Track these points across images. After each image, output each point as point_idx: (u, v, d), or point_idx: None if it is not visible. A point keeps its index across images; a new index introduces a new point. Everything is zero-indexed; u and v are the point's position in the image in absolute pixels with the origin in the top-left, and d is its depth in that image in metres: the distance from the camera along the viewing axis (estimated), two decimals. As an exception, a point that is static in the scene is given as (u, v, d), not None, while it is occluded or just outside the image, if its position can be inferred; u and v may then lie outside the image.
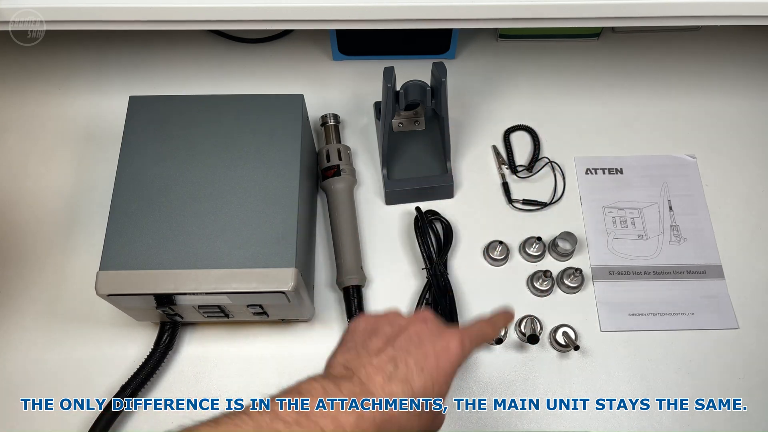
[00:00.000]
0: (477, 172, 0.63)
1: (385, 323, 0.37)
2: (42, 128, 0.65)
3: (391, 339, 0.35)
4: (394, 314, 0.38)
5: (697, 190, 0.62)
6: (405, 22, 0.51)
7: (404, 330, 0.36)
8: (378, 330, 0.36)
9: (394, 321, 0.37)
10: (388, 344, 0.35)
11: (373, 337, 0.36)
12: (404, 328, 0.36)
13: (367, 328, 0.37)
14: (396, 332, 0.36)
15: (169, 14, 0.50)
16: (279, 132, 0.51)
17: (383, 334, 0.36)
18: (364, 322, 0.38)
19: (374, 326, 0.37)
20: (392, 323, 0.37)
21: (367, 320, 0.38)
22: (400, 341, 0.35)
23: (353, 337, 0.37)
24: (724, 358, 0.54)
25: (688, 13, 0.49)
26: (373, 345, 0.35)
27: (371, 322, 0.38)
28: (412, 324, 0.37)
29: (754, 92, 0.67)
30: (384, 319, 0.38)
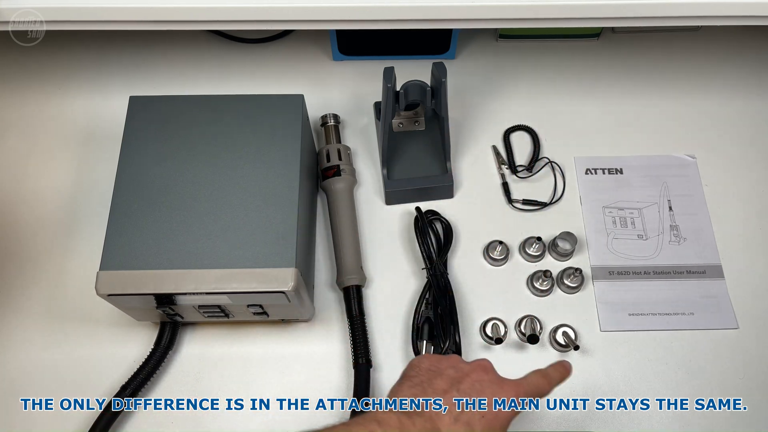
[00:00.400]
0: (477, 172, 0.63)
1: (449, 366, 0.40)
2: (42, 128, 0.65)
3: (455, 382, 0.38)
4: (457, 359, 0.41)
5: (697, 190, 0.62)
6: (405, 23, 0.51)
7: (467, 376, 0.39)
8: (442, 372, 0.39)
9: (457, 365, 0.40)
10: (453, 387, 0.38)
11: (438, 378, 0.39)
12: (467, 374, 0.39)
13: (431, 368, 0.40)
14: (459, 377, 0.39)
15: (169, 14, 0.50)
16: (279, 132, 0.51)
17: (447, 377, 0.39)
18: (428, 361, 0.41)
19: (438, 367, 0.40)
20: (455, 367, 0.40)
21: (431, 360, 0.41)
22: (464, 386, 0.38)
23: (418, 373, 0.39)
24: (724, 358, 0.54)
25: (688, 13, 0.50)
26: (438, 385, 0.38)
27: (434, 361, 0.40)
28: (474, 371, 0.40)
29: (754, 92, 0.67)
30: (447, 362, 0.40)
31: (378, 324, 0.55)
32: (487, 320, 0.54)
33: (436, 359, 0.41)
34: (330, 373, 0.53)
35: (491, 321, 0.54)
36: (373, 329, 0.54)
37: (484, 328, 0.54)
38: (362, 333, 0.52)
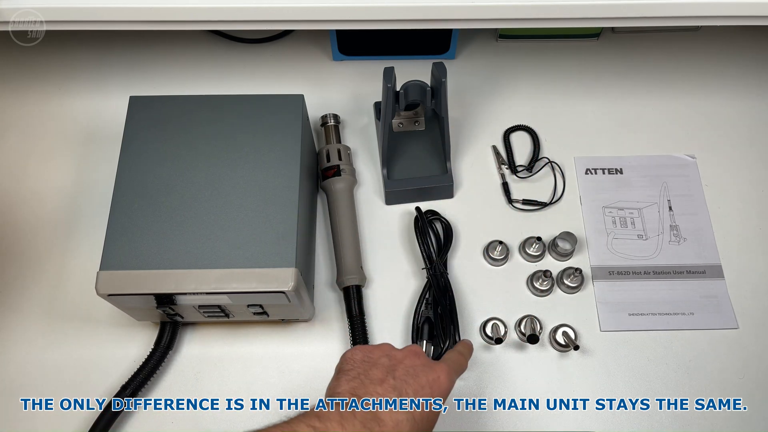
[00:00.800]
0: (477, 172, 0.63)
1: (381, 355, 0.41)
2: (42, 128, 0.65)
3: (390, 370, 0.40)
4: (388, 347, 0.43)
5: (697, 190, 0.62)
6: (405, 23, 0.51)
7: (400, 362, 0.41)
8: (376, 362, 0.40)
9: (390, 353, 0.41)
10: (389, 375, 0.39)
11: (373, 367, 0.40)
12: (400, 360, 0.41)
13: (365, 359, 0.41)
14: (393, 364, 0.40)
15: (170, 14, 0.50)
16: (279, 132, 0.51)
17: (382, 366, 0.40)
18: (361, 352, 0.42)
19: (371, 357, 0.41)
20: (388, 356, 0.41)
21: (363, 351, 0.42)
22: (398, 373, 0.40)
23: (353, 366, 0.40)
24: (724, 358, 0.54)
25: (688, 13, 0.50)
26: (374, 375, 0.39)
27: (367, 352, 0.42)
28: (407, 357, 0.41)
29: (754, 92, 0.67)
30: (379, 351, 0.42)
31: (378, 324, 0.55)
32: (487, 320, 0.54)
33: (368, 349, 0.42)
34: (330, 373, 0.53)
35: (491, 321, 0.54)
36: (373, 329, 0.54)
37: (484, 328, 0.54)
38: (362, 333, 0.52)
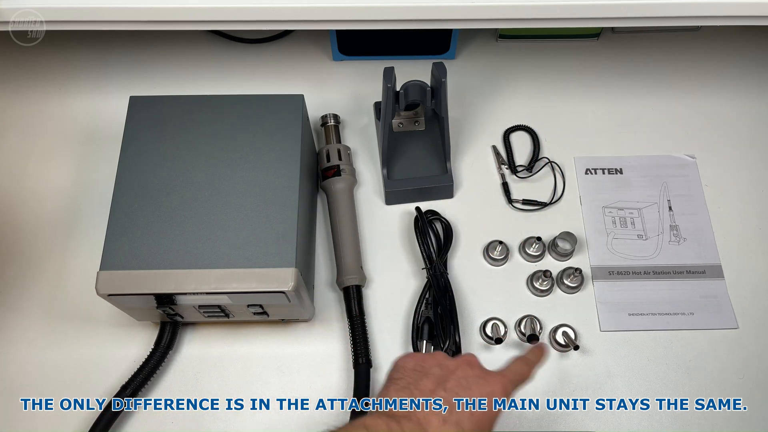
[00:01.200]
0: (477, 172, 0.63)
1: (434, 365, 0.39)
2: (42, 128, 0.65)
3: (441, 381, 0.38)
4: (442, 356, 0.41)
5: (697, 190, 0.62)
6: (405, 23, 0.51)
7: (452, 373, 0.39)
8: (428, 371, 0.39)
9: (442, 363, 0.40)
10: (440, 386, 0.38)
11: (424, 378, 0.38)
12: (452, 371, 0.39)
13: (416, 368, 0.39)
14: (445, 375, 0.39)
15: (170, 14, 0.50)
16: (279, 132, 0.51)
17: (433, 376, 0.38)
18: (413, 360, 0.40)
19: (423, 366, 0.39)
20: (441, 365, 0.39)
21: (416, 359, 0.40)
22: (450, 385, 0.38)
23: (403, 375, 0.39)
24: (724, 357, 0.54)
25: (688, 13, 0.50)
26: (425, 386, 0.38)
27: (419, 361, 0.40)
28: (460, 368, 0.39)
29: (754, 92, 0.67)
30: (432, 360, 0.40)
31: (378, 324, 0.55)
32: (487, 320, 0.54)
33: (421, 358, 0.40)
34: (330, 373, 0.53)
35: (491, 321, 0.54)
36: (373, 329, 0.54)
37: (484, 328, 0.54)
38: (362, 333, 0.52)
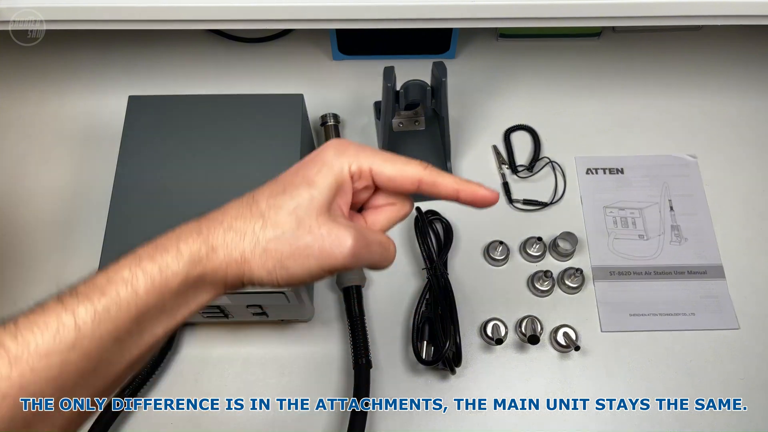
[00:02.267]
0: (477, 172, 0.62)
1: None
2: (41, 128, 0.65)
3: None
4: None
5: (698, 190, 0.61)
6: (405, 22, 0.51)
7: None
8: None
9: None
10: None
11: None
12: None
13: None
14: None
15: (169, 14, 0.50)
16: (279, 132, 0.51)
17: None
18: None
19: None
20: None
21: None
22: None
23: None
24: (725, 358, 0.54)
25: (689, 12, 0.49)
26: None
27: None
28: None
29: (755, 92, 0.67)
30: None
31: (378, 324, 0.55)
32: (488, 321, 0.54)
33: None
34: (330, 374, 0.53)
35: (491, 321, 0.54)
36: (373, 329, 0.54)
37: (484, 328, 0.54)
38: (362, 333, 0.52)
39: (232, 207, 0.31)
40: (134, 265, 0.28)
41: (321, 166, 0.31)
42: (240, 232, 0.30)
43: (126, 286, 0.28)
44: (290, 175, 0.32)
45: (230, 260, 0.29)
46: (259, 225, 0.30)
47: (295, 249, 0.29)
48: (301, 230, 0.29)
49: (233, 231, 0.30)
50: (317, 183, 0.31)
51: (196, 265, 0.29)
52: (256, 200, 0.31)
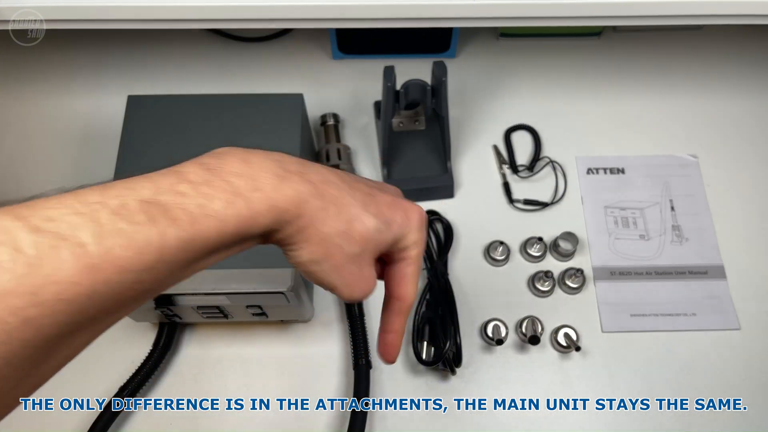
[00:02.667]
0: (478, 172, 0.62)
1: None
2: (41, 128, 0.64)
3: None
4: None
5: (699, 190, 0.61)
6: (405, 21, 0.51)
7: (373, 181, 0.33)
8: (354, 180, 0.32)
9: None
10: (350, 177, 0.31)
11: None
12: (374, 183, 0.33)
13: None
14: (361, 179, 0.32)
15: (168, 13, 0.49)
16: (278, 131, 0.51)
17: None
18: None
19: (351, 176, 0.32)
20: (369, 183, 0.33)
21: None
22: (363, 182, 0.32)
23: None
24: (726, 358, 0.54)
25: (690, 12, 0.49)
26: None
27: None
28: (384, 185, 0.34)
29: (757, 92, 0.67)
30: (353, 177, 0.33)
31: (378, 324, 0.54)
32: (488, 321, 0.54)
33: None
34: (330, 374, 0.53)
35: (492, 322, 0.54)
36: (373, 330, 0.54)
37: (484, 329, 0.54)
38: (362, 334, 0.52)
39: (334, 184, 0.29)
40: (228, 193, 0.25)
41: (405, 220, 0.31)
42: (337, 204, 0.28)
43: (216, 223, 0.24)
44: (382, 196, 0.31)
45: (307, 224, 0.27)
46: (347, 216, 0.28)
47: (342, 264, 0.29)
48: (362, 256, 0.29)
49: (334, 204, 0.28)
50: (392, 228, 0.31)
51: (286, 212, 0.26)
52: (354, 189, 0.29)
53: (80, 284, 0.21)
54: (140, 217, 0.23)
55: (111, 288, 0.22)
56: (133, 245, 0.22)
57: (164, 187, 0.25)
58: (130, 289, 0.23)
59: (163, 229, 0.23)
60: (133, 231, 0.23)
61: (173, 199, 0.24)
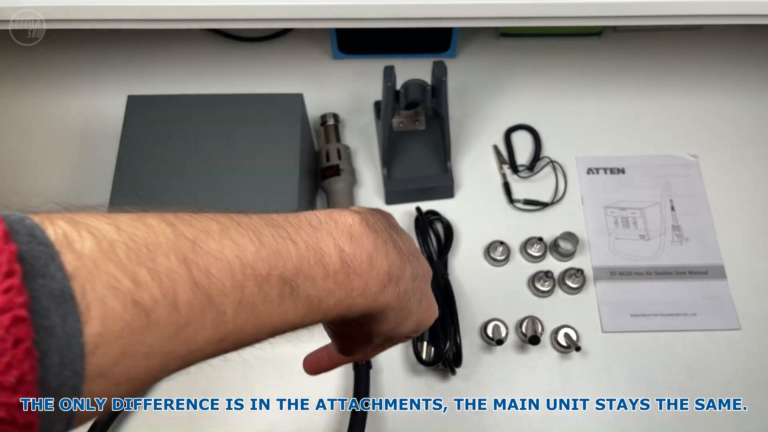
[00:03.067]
0: (478, 172, 0.62)
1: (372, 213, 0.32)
2: (40, 128, 0.64)
3: (394, 230, 0.31)
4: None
5: (699, 190, 0.61)
6: (405, 21, 0.51)
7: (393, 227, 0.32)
8: (379, 218, 0.31)
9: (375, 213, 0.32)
10: (399, 236, 0.31)
11: (381, 220, 0.30)
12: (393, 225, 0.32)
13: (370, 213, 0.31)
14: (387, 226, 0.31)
15: (168, 13, 0.49)
16: (278, 131, 0.51)
17: (386, 223, 0.31)
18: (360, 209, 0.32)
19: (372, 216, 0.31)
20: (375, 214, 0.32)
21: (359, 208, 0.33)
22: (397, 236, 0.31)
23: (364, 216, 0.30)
24: (726, 358, 0.54)
25: (690, 12, 0.49)
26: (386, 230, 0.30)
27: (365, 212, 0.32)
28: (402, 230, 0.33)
29: (757, 92, 0.67)
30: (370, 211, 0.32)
31: (378, 324, 0.55)
32: (488, 321, 0.54)
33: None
34: (330, 374, 0.53)
35: (492, 322, 0.54)
36: (373, 330, 0.54)
37: (484, 329, 0.54)
38: (362, 334, 0.52)
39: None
40: (344, 291, 0.25)
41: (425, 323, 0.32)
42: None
43: (321, 317, 0.25)
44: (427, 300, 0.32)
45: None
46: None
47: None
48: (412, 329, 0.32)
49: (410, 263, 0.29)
50: (419, 330, 0.32)
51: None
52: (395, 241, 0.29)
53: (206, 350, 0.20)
54: (274, 294, 0.22)
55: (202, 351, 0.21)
56: (258, 323, 0.22)
57: (305, 268, 0.23)
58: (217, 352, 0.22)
59: (284, 312, 0.23)
60: (263, 310, 0.22)
61: (304, 284, 0.23)
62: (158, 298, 0.18)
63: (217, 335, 0.20)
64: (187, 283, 0.19)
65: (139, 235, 0.18)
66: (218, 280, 0.20)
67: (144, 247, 0.18)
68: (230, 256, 0.20)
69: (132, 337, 0.17)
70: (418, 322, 0.31)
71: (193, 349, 0.20)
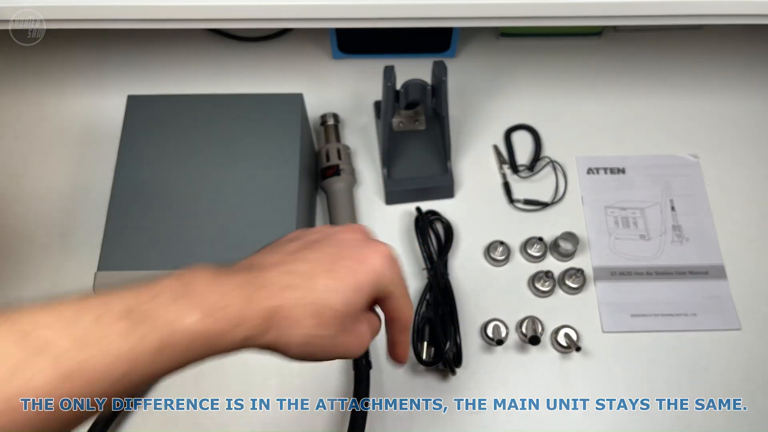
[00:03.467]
0: (478, 172, 0.62)
1: (314, 232, 0.34)
2: (40, 128, 0.64)
3: (311, 243, 0.32)
4: (326, 225, 0.38)
5: (700, 190, 0.61)
6: (405, 21, 0.51)
7: (329, 236, 0.33)
8: (303, 236, 0.33)
9: (324, 229, 0.34)
10: (307, 247, 0.32)
11: (296, 240, 0.33)
12: (329, 234, 0.33)
13: (294, 236, 0.34)
14: (319, 237, 0.33)
15: (168, 13, 0.49)
16: (278, 131, 0.51)
17: (306, 239, 0.33)
18: (296, 232, 0.35)
19: (304, 233, 0.34)
20: (321, 231, 0.34)
21: (298, 230, 0.35)
22: (318, 244, 0.32)
23: (277, 241, 0.34)
24: (726, 358, 0.54)
25: (691, 12, 0.49)
26: (292, 246, 0.32)
27: (300, 231, 0.35)
28: (341, 232, 0.33)
29: (757, 91, 0.67)
30: (315, 229, 0.35)
31: (378, 324, 0.55)
32: (488, 321, 0.54)
33: (304, 230, 0.35)
34: (330, 374, 0.53)
35: (492, 322, 0.54)
36: (373, 330, 0.54)
37: (484, 329, 0.54)
38: (362, 334, 0.52)
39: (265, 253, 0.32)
40: (198, 312, 0.27)
41: (370, 273, 0.32)
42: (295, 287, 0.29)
43: (188, 338, 0.27)
44: (342, 260, 0.31)
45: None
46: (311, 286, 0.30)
47: (331, 345, 0.31)
48: (344, 326, 0.31)
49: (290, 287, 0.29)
50: (362, 290, 0.31)
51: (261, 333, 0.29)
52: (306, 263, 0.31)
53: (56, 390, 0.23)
54: (120, 326, 0.25)
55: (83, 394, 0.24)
56: (110, 354, 0.24)
57: (144, 298, 0.26)
58: (101, 395, 0.24)
59: (137, 340, 0.25)
60: (110, 341, 0.24)
61: (151, 307, 0.26)
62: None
63: (57, 373, 0.24)
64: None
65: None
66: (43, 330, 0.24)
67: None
68: (52, 309, 0.26)
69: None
70: (342, 289, 0.30)
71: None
